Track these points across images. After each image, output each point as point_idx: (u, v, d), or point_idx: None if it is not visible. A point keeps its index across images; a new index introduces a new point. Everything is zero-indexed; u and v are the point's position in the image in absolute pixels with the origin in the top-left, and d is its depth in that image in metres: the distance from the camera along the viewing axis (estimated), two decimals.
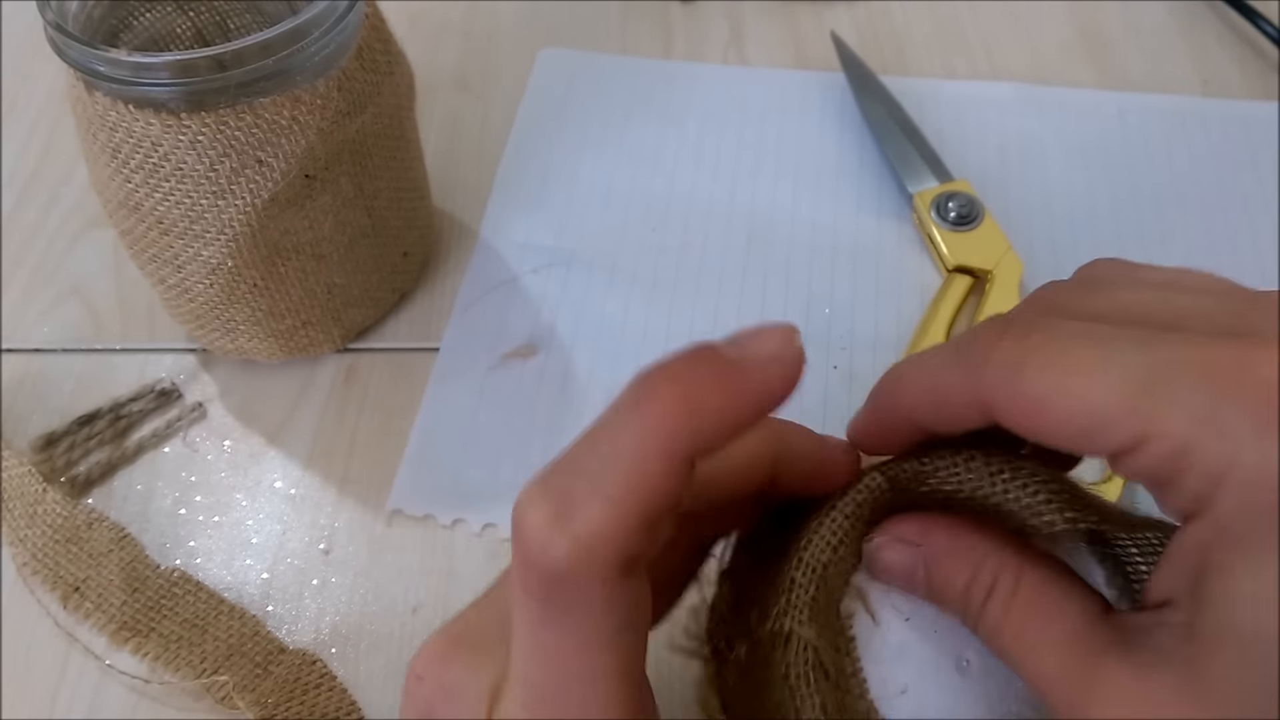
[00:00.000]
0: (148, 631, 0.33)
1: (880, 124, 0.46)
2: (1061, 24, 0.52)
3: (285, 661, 0.33)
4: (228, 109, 0.31)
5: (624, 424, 0.17)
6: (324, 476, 0.37)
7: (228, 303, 0.36)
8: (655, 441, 0.17)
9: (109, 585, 0.34)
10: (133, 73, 0.30)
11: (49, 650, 0.33)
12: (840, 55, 0.49)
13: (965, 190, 0.43)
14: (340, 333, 0.39)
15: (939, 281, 0.42)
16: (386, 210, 0.38)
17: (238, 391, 0.39)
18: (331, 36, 0.32)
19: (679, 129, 0.48)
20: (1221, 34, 0.52)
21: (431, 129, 0.47)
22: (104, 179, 0.33)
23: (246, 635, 0.33)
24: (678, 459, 0.17)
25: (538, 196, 0.45)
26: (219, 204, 0.32)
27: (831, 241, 0.43)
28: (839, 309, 0.41)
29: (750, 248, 0.43)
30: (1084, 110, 0.48)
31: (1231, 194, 0.45)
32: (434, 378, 0.39)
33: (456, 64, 0.51)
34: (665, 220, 0.44)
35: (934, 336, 0.39)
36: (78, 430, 0.38)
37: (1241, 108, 0.48)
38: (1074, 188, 0.45)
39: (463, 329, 0.41)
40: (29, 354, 0.41)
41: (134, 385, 0.39)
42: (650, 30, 0.53)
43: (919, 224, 0.43)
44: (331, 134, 0.33)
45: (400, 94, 0.36)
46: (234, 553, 0.35)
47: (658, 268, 0.43)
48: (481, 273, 0.43)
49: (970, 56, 0.51)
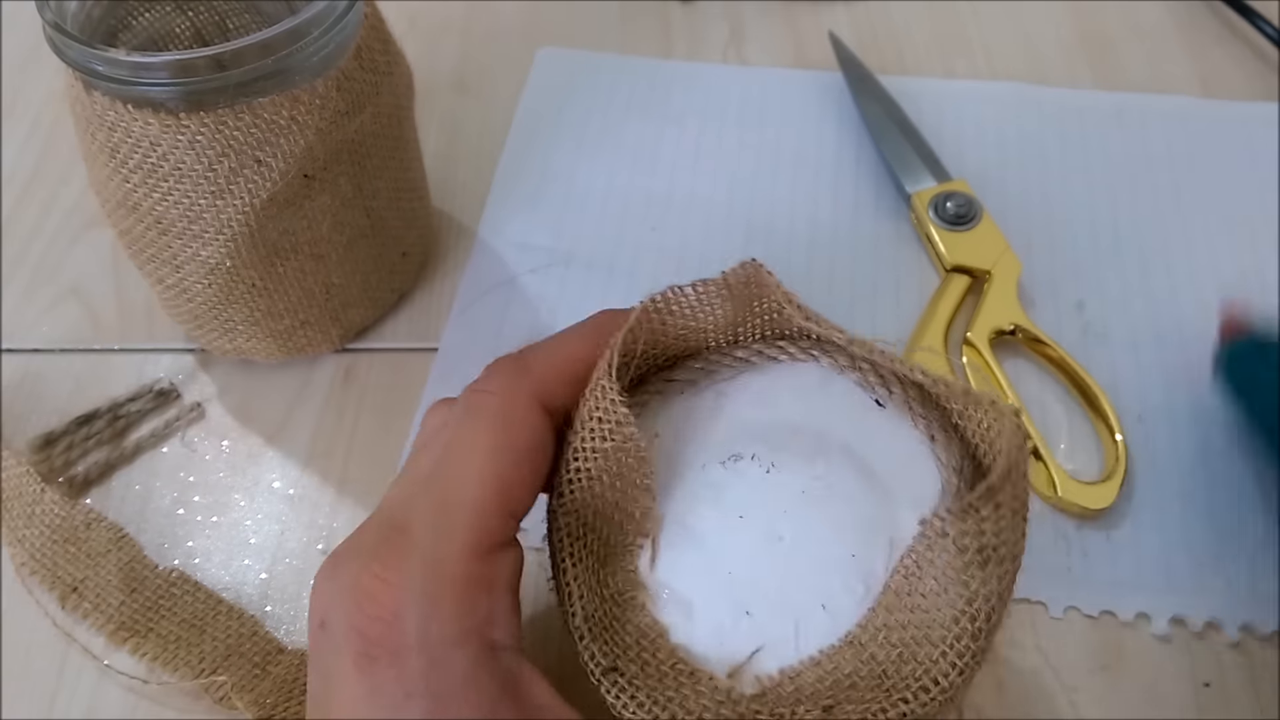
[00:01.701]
0: (146, 631, 0.33)
1: (878, 124, 0.46)
2: (1061, 24, 0.52)
3: (284, 661, 0.33)
4: (226, 109, 0.31)
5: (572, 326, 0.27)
6: (322, 476, 0.37)
7: (226, 303, 0.36)
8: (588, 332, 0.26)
9: (107, 585, 0.34)
10: (131, 72, 0.30)
11: (47, 650, 0.33)
12: (838, 55, 0.49)
13: (963, 190, 0.43)
14: (339, 333, 0.39)
15: (937, 281, 0.42)
16: (385, 210, 0.38)
17: (236, 391, 0.39)
18: (330, 36, 0.32)
19: (678, 128, 0.48)
20: (1221, 35, 0.52)
21: (431, 129, 0.47)
22: (102, 179, 0.33)
23: (245, 635, 0.33)
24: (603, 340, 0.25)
25: (536, 196, 0.45)
26: (217, 204, 0.32)
27: (829, 241, 0.43)
28: (837, 308, 0.41)
29: (748, 247, 0.43)
30: (1082, 110, 0.48)
31: (1230, 194, 0.45)
32: (433, 378, 0.39)
33: (456, 64, 0.51)
34: (664, 220, 0.44)
35: (932, 336, 0.39)
36: (76, 430, 0.38)
37: (1240, 108, 0.48)
38: (1072, 188, 0.45)
39: (462, 329, 0.41)
40: (28, 354, 0.40)
41: (132, 385, 0.39)
42: (650, 30, 0.53)
43: (917, 223, 0.43)
44: (330, 134, 0.33)
45: (399, 94, 0.36)
46: (232, 553, 0.35)
47: (657, 268, 0.43)
48: (480, 273, 0.43)
49: (970, 57, 0.51)
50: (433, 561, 0.22)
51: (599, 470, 0.23)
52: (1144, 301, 0.41)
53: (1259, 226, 0.44)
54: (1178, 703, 0.32)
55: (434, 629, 0.21)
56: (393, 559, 0.22)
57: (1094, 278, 0.42)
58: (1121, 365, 0.39)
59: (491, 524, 0.23)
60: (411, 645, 0.21)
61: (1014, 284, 0.40)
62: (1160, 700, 0.32)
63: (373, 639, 0.21)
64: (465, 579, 0.22)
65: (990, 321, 0.39)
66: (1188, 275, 0.42)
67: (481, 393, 0.24)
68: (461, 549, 0.22)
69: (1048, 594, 0.34)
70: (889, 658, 0.22)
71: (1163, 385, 0.39)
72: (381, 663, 0.21)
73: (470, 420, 0.24)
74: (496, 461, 0.23)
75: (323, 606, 0.23)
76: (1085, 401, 0.38)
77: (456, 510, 0.22)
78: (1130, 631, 0.33)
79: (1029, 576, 0.34)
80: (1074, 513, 0.35)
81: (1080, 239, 0.43)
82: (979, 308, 0.40)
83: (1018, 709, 0.32)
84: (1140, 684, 0.32)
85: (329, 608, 0.23)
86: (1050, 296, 0.41)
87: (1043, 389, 0.39)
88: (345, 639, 0.22)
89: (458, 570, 0.22)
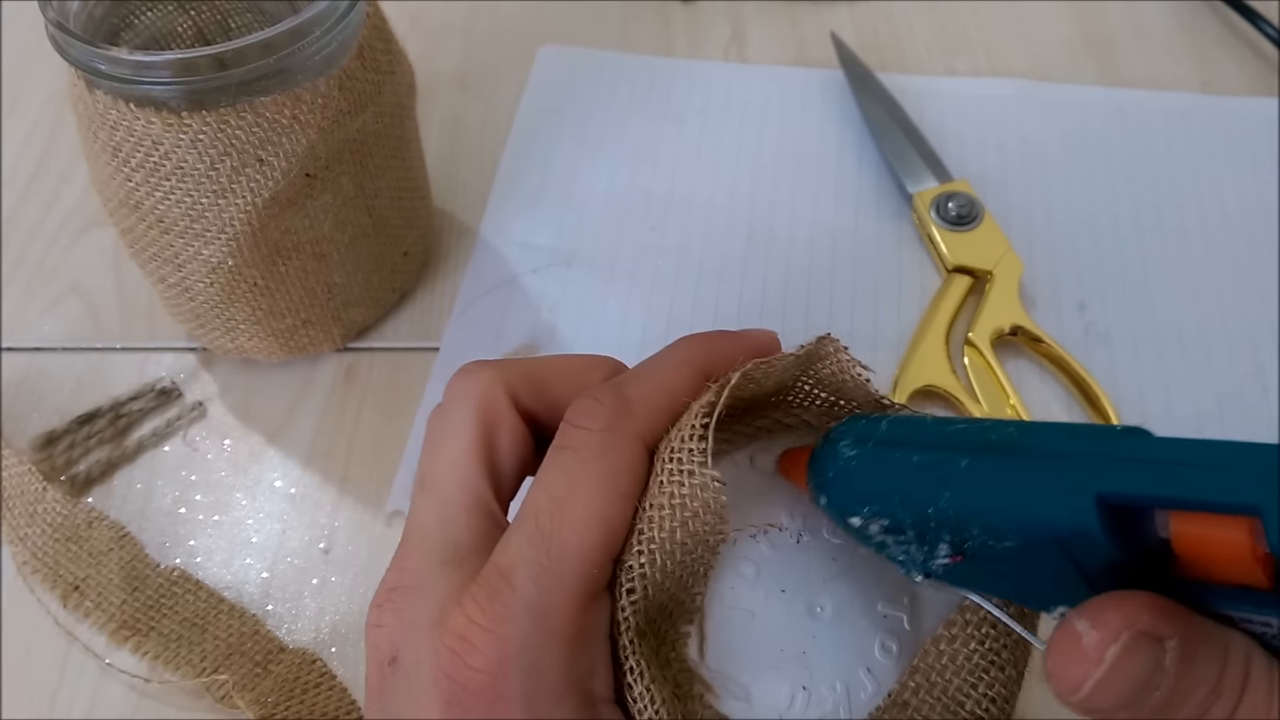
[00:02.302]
0: (147, 630, 0.33)
1: (879, 123, 0.46)
2: (1063, 25, 0.52)
3: (285, 660, 0.33)
4: (229, 108, 0.31)
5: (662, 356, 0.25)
6: (324, 475, 0.37)
7: (228, 302, 0.36)
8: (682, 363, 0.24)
9: (109, 584, 0.34)
10: (134, 71, 0.30)
11: (49, 649, 0.33)
12: (839, 54, 0.49)
13: (965, 190, 0.43)
14: (340, 332, 0.39)
15: (939, 281, 0.42)
16: (387, 209, 0.38)
17: (238, 390, 0.39)
18: (333, 35, 0.32)
19: (678, 127, 0.48)
20: (1222, 35, 0.52)
21: (432, 129, 0.47)
22: (104, 178, 0.33)
23: (246, 634, 0.33)
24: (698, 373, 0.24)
25: (537, 196, 0.45)
26: (219, 203, 0.32)
27: (831, 241, 0.43)
28: (839, 308, 0.41)
29: (750, 247, 0.43)
30: (1083, 107, 0.48)
31: (1231, 191, 0.45)
32: (434, 377, 0.39)
33: (457, 64, 0.51)
34: (665, 220, 0.44)
35: (934, 336, 0.39)
36: (78, 429, 0.38)
37: (1240, 104, 0.48)
38: (1073, 187, 0.45)
39: (463, 329, 0.41)
40: (29, 353, 0.41)
41: (134, 384, 0.39)
42: (651, 30, 0.53)
43: (918, 224, 0.43)
44: (332, 133, 0.33)
45: (401, 93, 0.36)
46: (234, 552, 0.35)
47: (657, 268, 0.43)
48: (481, 272, 0.43)
49: (972, 57, 0.51)
50: (540, 613, 0.21)
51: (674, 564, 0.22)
52: (1146, 302, 0.41)
53: (1255, 224, 0.44)
54: None
55: (540, 682, 0.20)
56: (495, 607, 0.21)
57: (1096, 278, 0.42)
58: (1123, 366, 0.39)
59: (596, 573, 0.22)
60: (514, 699, 0.20)
61: (1016, 284, 0.40)
62: None
63: (471, 689, 0.20)
64: (572, 631, 0.21)
65: (992, 322, 0.39)
66: (1189, 275, 0.42)
67: (585, 430, 0.23)
68: (569, 599, 0.21)
69: None
70: (934, 710, 0.23)
71: (1164, 386, 0.39)
72: (476, 713, 0.20)
73: (574, 460, 0.22)
74: (604, 506, 0.22)
75: (393, 643, 0.22)
76: (1087, 402, 0.38)
77: (563, 559, 0.21)
78: None
79: None
80: None
81: (1082, 239, 0.43)
82: (980, 308, 0.40)
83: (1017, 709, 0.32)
84: None
85: (402, 646, 0.22)
86: (1052, 297, 0.41)
87: (1044, 389, 0.39)
88: (433, 685, 0.21)
89: (565, 621, 0.21)
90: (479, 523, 0.23)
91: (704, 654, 0.23)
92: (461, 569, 0.22)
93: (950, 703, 0.22)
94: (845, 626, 0.24)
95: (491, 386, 0.24)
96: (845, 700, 0.23)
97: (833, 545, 0.25)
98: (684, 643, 0.23)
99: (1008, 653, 0.22)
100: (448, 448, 0.24)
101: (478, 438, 0.24)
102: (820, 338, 0.24)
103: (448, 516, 0.23)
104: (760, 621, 0.24)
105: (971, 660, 0.22)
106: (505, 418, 0.24)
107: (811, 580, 0.24)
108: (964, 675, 0.22)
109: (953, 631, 0.23)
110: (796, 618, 0.24)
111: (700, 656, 0.23)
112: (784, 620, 0.24)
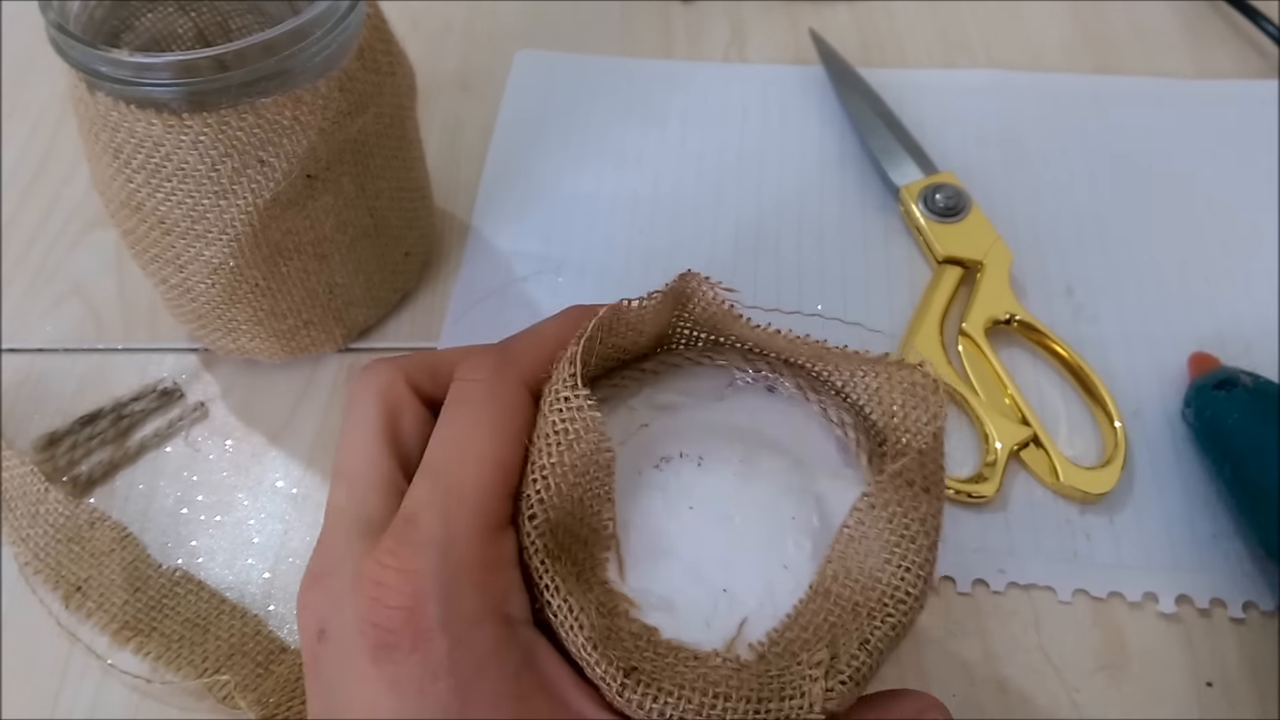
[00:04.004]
0: (149, 631, 0.33)
1: (862, 118, 0.46)
2: (1063, 24, 0.52)
3: (287, 661, 0.33)
4: (229, 109, 0.31)
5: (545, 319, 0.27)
6: (326, 476, 0.37)
7: (230, 303, 0.36)
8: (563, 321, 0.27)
9: (111, 585, 0.34)
10: (134, 73, 0.30)
11: (51, 650, 0.33)
12: (819, 51, 0.49)
13: (951, 182, 0.43)
14: (342, 332, 0.39)
15: (929, 273, 0.42)
16: (388, 210, 0.38)
17: (239, 391, 0.39)
18: (333, 37, 0.32)
19: (660, 129, 0.48)
20: (1223, 33, 0.52)
21: (433, 130, 0.47)
22: (106, 179, 0.33)
23: (248, 635, 0.33)
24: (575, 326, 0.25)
25: (523, 203, 0.45)
26: (221, 204, 0.32)
27: (819, 237, 0.43)
28: (830, 304, 0.41)
29: (739, 246, 0.43)
30: (1060, 95, 0.48)
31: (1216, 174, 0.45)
32: None
33: (458, 64, 0.51)
34: (652, 223, 0.44)
35: (928, 328, 0.39)
36: (80, 430, 0.38)
37: (1228, 88, 0.48)
38: (1058, 175, 0.45)
39: (456, 340, 0.40)
40: (31, 354, 0.41)
41: (136, 385, 0.39)
42: (651, 31, 0.53)
43: (906, 217, 0.43)
44: (333, 134, 0.33)
45: (402, 94, 0.36)
46: (236, 552, 0.36)
47: (647, 271, 0.43)
48: (472, 282, 0.42)
49: (971, 56, 0.51)
50: (445, 546, 0.22)
51: (569, 486, 0.24)
52: (1133, 284, 0.42)
53: (1243, 202, 0.44)
54: (1179, 700, 0.32)
55: (456, 609, 0.22)
56: (404, 548, 0.22)
57: (1080, 262, 0.42)
58: (1113, 348, 0.40)
59: (495, 505, 0.23)
60: (434, 628, 0.21)
61: (1006, 273, 0.41)
62: (1162, 698, 0.32)
63: (393, 628, 0.22)
64: (479, 559, 0.22)
65: (984, 312, 0.39)
66: (1174, 256, 0.42)
67: (470, 381, 0.25)
68: (472, 531, 0.23)
69: (1055, 579, 0.34)
70: (855, 591, 0.24)
71: (1154, 367, 0.39)
72: (402, 650, 0.21)
73: (463, 409, 0.24)
74: (494, 445, 0.24)
75: (318, 617, 0.23)
76: (1082, 387, 0.38)
77: (462, 495, 0.23)
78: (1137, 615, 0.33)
79: (1035, 561, 0.34)
80: (1076, 498, 0.35)
81: (1065, 224, 0.44)
82: (972, 298, 0.40)
83: (1018, 709, 0.32)
84: (1143, 684, 0.32)
85: (327, 616, 0.23)
86: (1041, 284, 0.42)
87: (1040, 376, 0.39)
88: (358, 637, 0.22)
89: (471, 551, 0.22)
90: (388, 500, 0.24)
91: (624, 576, 0.25)
92: (375, 540, 0.23)
93: (868, 581, 0.24)
94: (757, 530, 0.25)
95: (392, 376, 0.26)
96: (769, 597, 0.24)
97: (734, 465, 0.26)
98: (603, 568, 0.25)
99: (918, 525, 0.24)
100: (353, 435, 0.25)
101: (381, 422, 0.25)
102: (681, 274, 0.26)
103: (358, 496, 0.24)
104: (672, 537, 0.25)
105: (883, 538, 0.24)
106: (406, 401, 0.25)
107: (717, 497, 0.26)
108: (877, 554, 0.24)
109: (859, 517, 0.24)
110: (708, 530, 0.25)
111: (620, 578, 0.25)
112: (695, 533, 0.25)
